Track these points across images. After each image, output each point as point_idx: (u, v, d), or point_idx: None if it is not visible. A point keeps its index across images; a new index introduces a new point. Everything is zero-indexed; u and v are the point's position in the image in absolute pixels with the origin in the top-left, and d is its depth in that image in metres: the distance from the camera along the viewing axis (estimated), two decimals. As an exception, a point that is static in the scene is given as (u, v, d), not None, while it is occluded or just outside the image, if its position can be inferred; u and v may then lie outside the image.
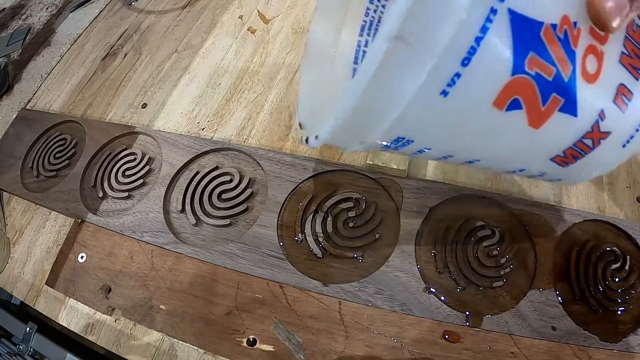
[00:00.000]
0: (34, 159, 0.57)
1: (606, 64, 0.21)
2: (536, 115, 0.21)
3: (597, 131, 0.23)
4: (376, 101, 0.19)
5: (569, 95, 0.21)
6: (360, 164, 0.46)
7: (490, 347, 0.35)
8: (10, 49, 0.77)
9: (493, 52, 0.18)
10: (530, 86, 0.20)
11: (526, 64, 0.19)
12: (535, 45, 0.19)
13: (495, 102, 0.20)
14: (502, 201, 0.42)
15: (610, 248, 0.39)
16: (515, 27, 0.18)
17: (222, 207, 0.46)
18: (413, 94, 0.18)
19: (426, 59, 0.17)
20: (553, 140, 0.23)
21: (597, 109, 0.22)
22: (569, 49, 0.20)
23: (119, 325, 0.42)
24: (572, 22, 0.20)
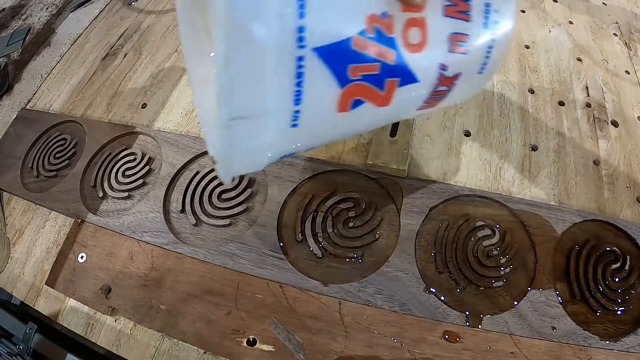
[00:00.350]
0: (34, 159, 0.57)
1: (430, 26, 0.24)
2: (382, 99, 0.25)
3: (445, 79, 0.26)
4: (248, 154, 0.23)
5: (403, 72, 0.24)
6: (360, 164, 0.46)
7: (490, 347, 0.35)
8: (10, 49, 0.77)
9: (316, 83, 0.22)
10: (362, 86, 0.23)
11: (349, 75, 0.22)
12: (350, 58, 0.22)
13: (339, 109, 0.24)
14: (502, 201, 0.42)
15: (610, 248, 0.39)
16: (325, 57, 0.21)
17: (222, 207, 0.46)
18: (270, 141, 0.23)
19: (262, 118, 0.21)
20: (409, 102, 0.27)
21: (435, 66, 0.25)
22: (385, 38, 0.23)
23: (119, 325, 0.42)
24: (380, 15, 0.22)
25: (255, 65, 0.20)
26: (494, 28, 0.26)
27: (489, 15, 0.26)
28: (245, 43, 0.19)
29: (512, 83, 0.53)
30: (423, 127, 0.49)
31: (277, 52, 0.20)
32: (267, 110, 0.21)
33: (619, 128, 0.48)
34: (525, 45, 0.57)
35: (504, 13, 0.26)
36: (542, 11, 0.62)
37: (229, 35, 0.18)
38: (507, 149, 0.47)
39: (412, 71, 0.24)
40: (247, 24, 0.19)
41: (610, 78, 0.54)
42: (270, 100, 0.21)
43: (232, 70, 0.19)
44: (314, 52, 0.20)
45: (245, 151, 0.23)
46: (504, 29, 0.27)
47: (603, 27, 0.60)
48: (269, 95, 0.21)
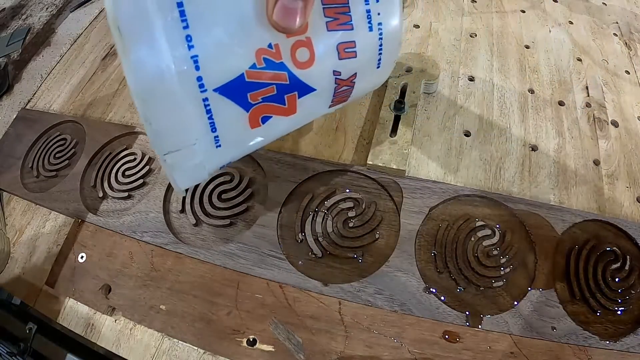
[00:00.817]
0: (34, 159, 0.57)
1: (316, 43, 0.28)
2: (287, 111, 0.29)
3: (343, 81, 0.30)
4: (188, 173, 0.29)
5: (298, 86, 0.28)
6: (360, 164, 0.46)
7: (490, 347, 0.35)
8: (10, 49, 0.77)
9: (224, 113, 0.27)
10: (265, 105, 0.28)
11: (251, 101, 0.27)
12: (247, 88, 0.26)
13: (252, 126, 0.29)
14: (502, 201, 0.42)
15: (610, 248, 0.39)
16: (225, 93, 0.26)
17: (222, 207, 0.46)
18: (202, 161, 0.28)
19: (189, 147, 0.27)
20: (316, 105, 0.32)
21: (328, 73, 0.29)
22: (275, 64, 0.27)
23: (119, 325, 0.42)
24: (267, 46, 0.26)
25: (171, 113, 0.25)
26: (379, 29, 0.30)
27: (372, 20, 0.29)
28: (158, 102, 0.24)
29: (512, 83, 0.53)
30: (423, 127, 0.49)
31: (185, 99, 0.25)
32: (191, 141, 0.27)
33: (619, 128, 0.48)
34: (525, 45, 0.57)
35: (387, 14, 0.30)
36: (542, 11, 0.62)
37: (143, 97, 0.24)
38: (507, 149, 0.47)
39: (306, 83, 0.29)
40: (156, 87, 0.24)
41: (610, 78, 0.54)
42: (191, 135, 0.26)
43: (154, 123, 0.24)
44: (215, 91, 0.26)
45: (184, 171, 0.28)
46: (390, 27, 0.30)
47: (603, 27, 0.60)
48: (189, 131, 0.26)
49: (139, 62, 0.23)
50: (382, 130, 0.46)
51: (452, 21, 0.60)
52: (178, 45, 0.23)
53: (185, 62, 0.24)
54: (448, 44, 0.57)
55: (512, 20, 0.61)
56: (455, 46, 0.57)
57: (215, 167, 0.31)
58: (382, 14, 0.29)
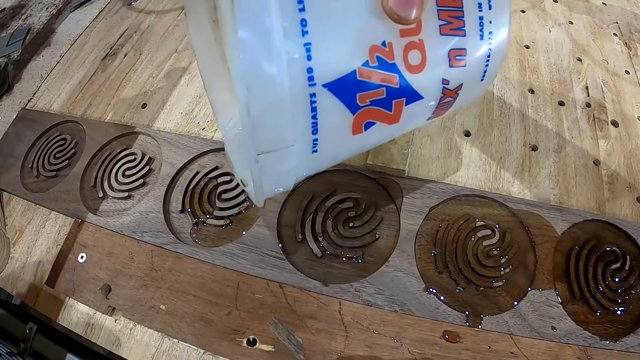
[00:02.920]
0: (34, 159, 0.57)
1: (428, 46, 0.26)
2: (391, 118, 0.27)
3: (449, 91, 0.29)
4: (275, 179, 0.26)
5: (407, 92, 0.26)
6: (360, 164, 0.46)
7: (490, 347, 0.35)
8: (10, 49, 0.77)
9: (330, 113, 0.24)
10: (372, 110, 0.26)
11: (359, 102, 0.25)
12: (357, 87, 0.24)
13: (354, 132, 0.26)
14: (502, 201, 0.42)
15: (610, 248, 0.39)
16: (334, 90, 0.23)
17: (222, 207, 0.46)
18: (294, 167, 0.26)
19: (285, 150, 0.24)
20: (418, 116, 0.30)
21: (437, 82, 0.27)
22: (387, 65, 0.25)
23: (119, 325, 0.42)
24: (380, 44, 0.24)
25: (274, 107, 0.22)
26: (489, 38, 0.28)
27: (483, 28, 0.28)
28: (263, 90, 0.21)
29: (512, 83, 0.53)
30: (423, 127, 0.49)
31: (291, 93, 0.22)
32: (288, 143, 0.24)
33: (619, 128, 0.48)
34: (525, 45, 0.57)
35: (498, 24, 0.28)
36: (542, 11, 0.62)
37: (247, 84, 0.21)
38: (507, 149, 0.47)
39: (416, 90, 0.27)
40: (263, 74, 0.21)
41: (610, 78, 0.54)
42: (290, 134, 0.24)
43: (254, 115, 0.21)
44: (324, 87, 0.23)
45: (272, 177, 0.26)
46: (499, 38, 0.28)
47: (603, 27, 0.60)
48: (289, 131, 0.23)
49: (248, 42, 0.20)
50: (382, 130, 0.46)
51: (452, 21, 0.60)
52: (292, 28, 0.21)
53: (297, 49, 0.21)
54: (448, 44, 0.57)
55: (512, 20, 0.60)
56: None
57: (303, 176, 0.28)
58: (493, 23, 0.28)
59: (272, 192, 0.28)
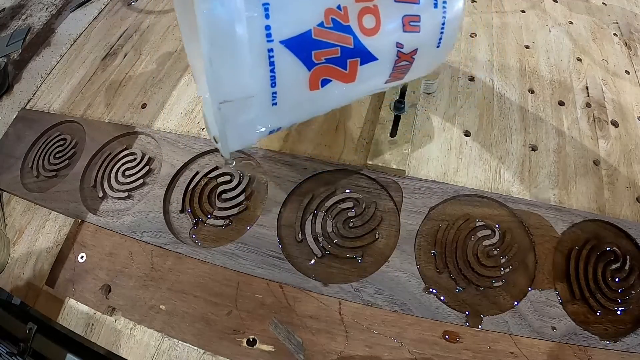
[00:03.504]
0: (34, 159, 0.57)
1: (383, 12, 0.29)
2: (347, 77, 0.30)
3: (404, 55, 0.31)
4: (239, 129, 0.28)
5: (361, 53, 0.29)
6: (360, 164, 0.46)
7: (490, 347, 0.35)
8: (10, 49, 0.77)
9: (287, 68, 0.27)
10: (327, 67, 0.28)
11: (314, 59, 0.27)
12: (313, 46, 0.27)
13: (311, 88, 0.29)
14: (502, 201, 0.42)
15: (610, 248, 0.39)
16: (291, 47, 0.26)
17: (222, 207, 0.46)
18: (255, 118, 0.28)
19: (246, 100, 0.26)
20: (375, 76, 0.32)
21: (392, 44, 0.30)
22: (342, 26, 0.27)
23: (119, 325, 0.42)
24: (335, 7, 0.27)
25: (234, 60, 0.25)
26: (444, 8, 0.31)
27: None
28: (224, 43, 0.24)
29: (512, 83, 0.53)
30: (423, 127, 0.49)
31: (250, 47, 0.25)
32: (249, 93, 0.26)
33: (619, 128, 0.48)
34: (525, 45, 0.57)
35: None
36: (542, 11, 0.62)
37: (210, 39, 0.23)
38: (507, 149, 0.47)
39: (370, 51, 0.29)
40: (224, 28, 0.24)
41: (610, 78, 0.54)
42: (250, 85, 0.26)
43: (216, 65, 0.24)
44: (281, 44, 0.26)
45: (236, 127, 0.28)
46: (454, 8, 0.31)
47: (603, 27, 0.60)
48: (249, 81, 0.26)
49: (211, 2, 0.23)
50: (382, 130, 0.46)
51: (452, 21, 0.60)
52: None
53: (256, 9, 0.24)
54: (448, 44, 0.57)
55: (512, 20, 0.61)
56: (455, 46, 0.57)
57: (266, 129, 0.30)
58: None
59: (238, 145, 0.31)
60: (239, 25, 0.24)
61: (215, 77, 0.25)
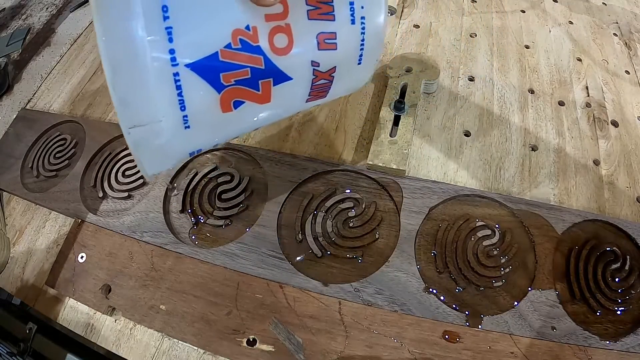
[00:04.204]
0: (34, 159, 0.57)
1: (295, 30, 0.27)
2: (260, 98, 0.29)
3: (321, 73, 0.30)
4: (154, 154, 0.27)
5: (273, 73, 0.28)
6: (361, 164, 0.46)
7: (490, 347, 0.35)
8: (10, 49, 0.77)
9: (195, 91, 0.26)
10: (238, 89, 0.27)
11: (223, 82, 0.26)
12: (220, 68, 0.26)
13: (223, 109, 0.28)
14: (502, 201, 0.42)
15: (610, 248, 0.39)
16: (197, 70, 0.25)
17: (222, 207, 0.46)
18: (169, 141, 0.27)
19: (156, 124, 0.25)
20: (292, 96, 0.31)
21: (306, 63, 0.29)
22: (251, 47, 0.26)
23: (119, 325, 0.42)
24: (244, 28, 0.26)
25: (140, 85, 0.24)
26: (362, 23, 0.29)
27: (354, 13, 0.29)
28: (127, 68, 0.23)
29: (512, 83, 0.53)
30: (423, 127, 0.49)
31: (154, 72, 0.24)
32: (158, 117, 0.25)
33: (619, 128, 0.48)
34: (525, 45, 0.57)
35: (371, 9, 0.29)
36: (542, 11, 0.62)
37: (112, 65, 0.23)
38: (507, 149, 0.47)
39: (282, 71, 0.28)
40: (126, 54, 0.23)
41: (610, 78, 0.54)
42: (159, 109, 0.25)
43: (120, 91, 0.24)
44: (187, 67, 0.25)
45: (149, 152, 0.27)
46: (373, 22, 0.30)
47: (603, 27, 0.60)
48: (157, 106, 0.25)
49: (111, 25, 0.22)
50: (382, 130, 0.46)
51: (452, 21, 0.60)
52: (153, 13, 0.23)
53: (158, 32, 0.23)
54: (448, 44, 0.57)
55: (512, 20, 0.61)
56: (455, 46, 0.57)
57: (183, 152, 0.30)
58: (365, 8, 0.29)
59: (157, 168, 0.29)
60: (142, 48, 0.23)
61: (121, 102, 0.24)
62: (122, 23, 0.23)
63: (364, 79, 0.35)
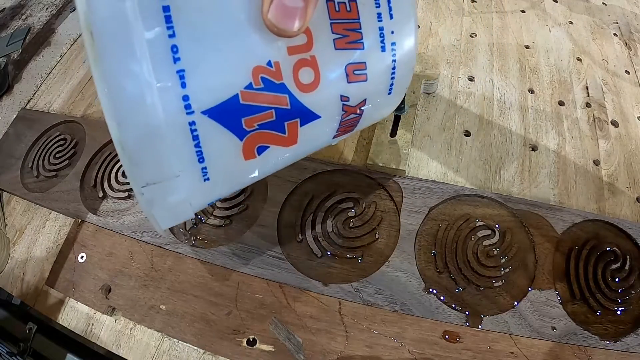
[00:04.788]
0: (34, 159, 0.57)
1: (322, 63, 0.24)
2: (287, 141, 0.26)
3: (350, 108, 0.27)
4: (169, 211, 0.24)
5: (301, 112, 0.25)
6: (360, 164, 0.46)
7: (490, 347, 0.35)
8: (10, 49, 0.77)
9: (214, 140, 0.23)
10: (262, 134, 0.24)
11: (245, 127, 0.23)
12: (241, 112, 0.23)
13: (245, 157, 0.25)
14: (502, 201, 0.42)
15: (610, 248, 0.39)
16: (216, 117, 0.22)
17: (222, 206, 0.46)
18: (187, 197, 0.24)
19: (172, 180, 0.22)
20: (319, 135, 0.28)
21: (335, 98, 0.26)
22: (275, 86, 0.23)
23: (119, 325, 0.42)
24: (265, 64, 0.23)
25: (151, 139, 0.21)
26: (393, 50, 0.26)
27: (384, 39, 0.26)
28: (134, 123, 0.20)
29: (512, 83, 0.53)
30: (423, 127, 0.49)
31: (167, 123, 0.21)
32: (174, 173, 0.22)
33: (619, 128, 0.48)
34: (525, 45, 0.57)
35: (402, 34, 0.26)
36: (542, 11, 0.62)
37: (118, 121, 0.20)
38: (507, 149, 0.47)
39: (310, 109, 0.25)
40: (132, 106, 0.20)
41: (610, 78, 0.54)
42: (173, 164, 0.22)
43: (129, 149, 0.20)
44: (204, 114, 0.22)
45: (165, 209, 0.24)
46: (404, 48, 0.27)
47: (603, 27, 0.60)
48: (172, 161, 0.22)
49: (113, 74, 0.19)
50: (382, 130, 0.46)
51: (452, 21, 0.60)
52: (161, 55, 0.20)
53: (169, 77, 0.20)
54: (448, 44, 0.57)
55: (512, 20, 0.61)
56: (455, 46, 0.57)
57: (202, 204, 0.26)
58: (395, 33, 0.26)
59: (172, 222, 0.26)
60: (151, 98, 0.20)
61: (131, 161, 0.21)
62: (125, 69, 0.19)
63: (391, 109, 0.32)
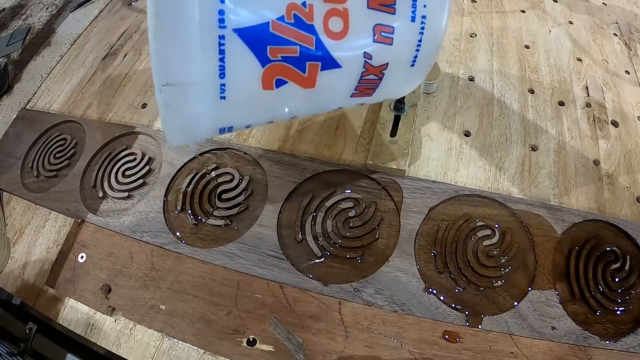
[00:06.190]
0: (34, 159, 0.57)
1: (353, 16, 0.26)
2: (305, 81, 0.27)
3: (372, 67, 0.28)
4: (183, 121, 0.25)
5: (323, 57, 0.26)
6: (360, 164, 0.46)
7: (490, 347, 0.35)
8: (10, 49, 0.77)
9: (238, 60, 0.24)
10: (283, 66, 0.25)
11: (269, 55, 0.25)
12: (269, 40, 0.24)
13: (264, 86, 0.26)
14: (502, 201, 0.42)
15: (610, 248, 0.39)
16: (245, 38, 0.23)
17: (222, 207, 0.46)
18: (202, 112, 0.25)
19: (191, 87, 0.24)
20: (337, 86, 0.29)
21: (359, 53, 0.27)
22: (305, 25, 0.25)
23: (119, 325, 0.42)
24: (300, 4, 0.24)
25: (181, 40, 0.22)
26: (422, 23, 0.28)
27: (416, 10, 0.27)
28: (171, 19, 0.22)
29: (512, 83, 0.53)
30: (423, 127, 0.49)
31: (200, 30, 0.22)
32: (194, 80, 0.24)
33: (619, 128, 0.48)
34: (525, 45, 0.57)
35: (433, 9, 0.28)
36: (542, 11, 0.62)
37: (157, 13, 0.21)
38: (507, 148, 0.47)
39: (333, 56, 0.27)
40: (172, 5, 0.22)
41: (610, 78, 0.54)
42: (196, 71, 0.24)
43: (160, 42, 0.22)
44: (234, 32, 0.23)
45: (181, 118, 0.25)
46: (434, 24, 0.28)
47: (603, 27, 0.60)
48: (195, 67, 0.23)
49: None
50: (382, 130, 0.46)
51: (452, 21, 0.60)
52: None
53: None
54: (448, 44, 0.57)
55: (512, 20, 0.61)
56: (455, 46, 0.57)
57: (213, 126, 0.27)
58: (428, 7, 0.27)
59: (184, 138, 0.27)
60: (189, 4, 0.21)
61: (159, 55, 0.22)
62: None
63: (412, 85, 0.33)
